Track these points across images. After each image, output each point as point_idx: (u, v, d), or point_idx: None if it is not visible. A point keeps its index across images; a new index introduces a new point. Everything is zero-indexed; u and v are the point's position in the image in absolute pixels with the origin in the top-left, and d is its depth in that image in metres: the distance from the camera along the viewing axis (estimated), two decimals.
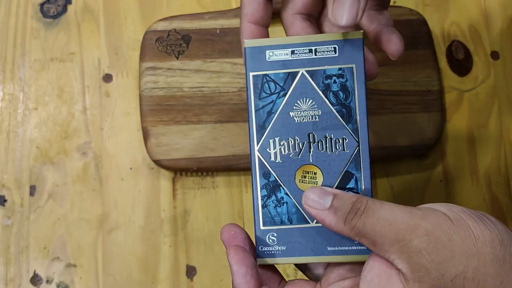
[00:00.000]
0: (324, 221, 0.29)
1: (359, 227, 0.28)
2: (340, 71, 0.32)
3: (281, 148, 0.31)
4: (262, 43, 0.32)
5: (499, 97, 0.55)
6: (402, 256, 0.26)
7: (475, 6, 0.57)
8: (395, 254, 0.27)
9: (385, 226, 0.27)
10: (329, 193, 0.29)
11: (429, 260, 0.26)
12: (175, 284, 0.49)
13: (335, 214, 0.29)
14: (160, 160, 0.49)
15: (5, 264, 0.49)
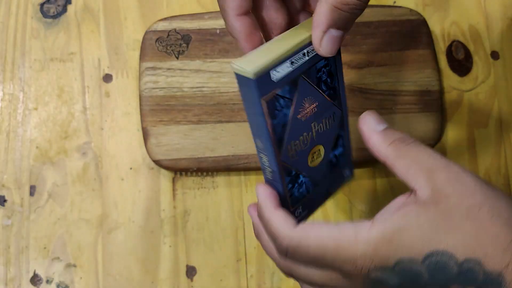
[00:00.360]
0: (370, 140, 0.32)
1: (402, 151, 0.31)
2: (326, 61, 0.33)
3: (296, 147, 0.33)
4: (265, 66, 0.30)
5: (499, 97, 0.55)
6: (428, 183, 0.29)
7: (475, 6, 0.57)
8: (422, 180, 0.29)
9: (425, 156, 0.30)
10: (384, 122, 0.33)
11: (452, 190, 0.29)
12: (175, 284, 0.49)
13: (383, 137, 0.32)
14: (160, 160, 0.49)
15: (5, 264, 0.49)
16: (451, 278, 0.28)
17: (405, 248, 0.28)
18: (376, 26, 0.53)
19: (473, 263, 0.28)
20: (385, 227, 0.29)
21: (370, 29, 0.53)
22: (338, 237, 0.30)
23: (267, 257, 0.50)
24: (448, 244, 0.28)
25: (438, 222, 0.28)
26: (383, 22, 0.53)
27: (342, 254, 0.30)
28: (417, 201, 0.29)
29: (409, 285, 0.29)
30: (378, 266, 0.29)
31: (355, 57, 0.52)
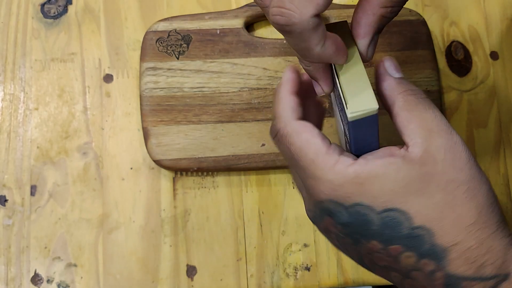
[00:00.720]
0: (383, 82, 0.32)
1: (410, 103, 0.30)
2: None
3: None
4: (374, 94, 0.30)
5: (498, 97, 0.55)
6: (423, 143, 0.29)
7: (475, 7, 0.57)
8: (419, 138, 0.29)
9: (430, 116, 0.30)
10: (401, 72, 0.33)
11: (443, 158, 0.29)
12: (175, 283, 0.49)
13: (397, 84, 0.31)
14: (161, 160, 0.50)
15: (5, 264, 0.49)
16: (398, 237, 0.28)
17: (370, 195, 0.29)
18: None
19: (425, 232, 0.28)
20: (362, 170, 0.29)
21: None
22: (320, 154, 0.30)
23: (267, 257, 0.50)
24: (411, 207, 0.28)
25: (413, 183, 0.28)
26: None
27: (313, 170, 0.30)
28: (405, 157, 0.29)
29: (355, 228, 0.30)
30: (335, 200, 0.29)
31: None
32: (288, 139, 0.31)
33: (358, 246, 0.31)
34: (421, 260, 0.28)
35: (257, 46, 0.53)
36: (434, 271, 0.28)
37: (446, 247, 0.28)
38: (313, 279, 0.50)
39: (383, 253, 0.30)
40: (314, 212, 0.32)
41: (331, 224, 0.31)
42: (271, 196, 0.52)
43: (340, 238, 0.31)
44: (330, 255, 0.51)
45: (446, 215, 0.28)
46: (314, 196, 0.31)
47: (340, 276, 0.50)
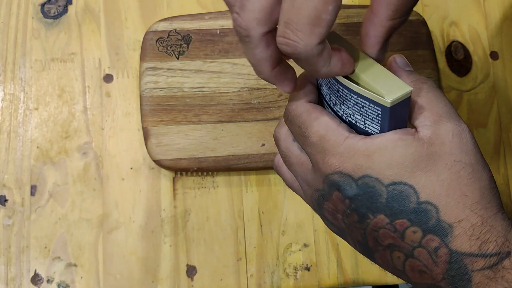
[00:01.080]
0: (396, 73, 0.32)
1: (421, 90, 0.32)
2: None
3: None
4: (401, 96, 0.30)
5: (498, 97, 0.55)
6: (432, 126, 0.30)
7: (475, 7, 0.57)
8: (428, 121, 0.30)
9: (440, 103, 0.31)
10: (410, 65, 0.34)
11: (450, 140, 0.30)
12: (175, 283, 0.49)
13: (408, 75, 0.33)
14: (161, 160, 0.50)
15: (5, 263, 0.49)
16: (405, 211, 0.29)
17: (378, 168, 0.30)
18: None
19: (432, 208, 0.29)
20: (372, 143, 0.30)
21: None
22: (330, 130, 0.31)
23: (267, 257, 0.50)
24: (418, 182, 0.29)
25: (421, 160, 0.29)
26: None
27: (323, 144, 0.31)
28: (415, 135, 0.30)
29: (363, 201, 0.30)
30: (344, 171, 0.30)
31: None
32: (299, 118, 0.32)
33: (364, 223, 0.31)
34: (426, 235, 0.29)
35: None
36: (438, 248, 0.29)
37: (451, 223, 0.29)
38: (313, 279, 0.50)
39: (389, 228, 0.30)
40: (323, 190, 0.32)
41: (339, 199, 0.31)
42: (271, 196, 0.52)
43: (346, 216, 0.32)
44: (330, 255, 0.51)
45: (451, 192, 0.29)
46: (323, 170, 0.31)
47: (340, 276, 0.50)
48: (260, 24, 0.28)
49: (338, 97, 0.33)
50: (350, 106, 0.32)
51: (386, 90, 0.30)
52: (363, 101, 0.31)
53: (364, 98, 0.31)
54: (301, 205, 0.51)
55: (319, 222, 0.51)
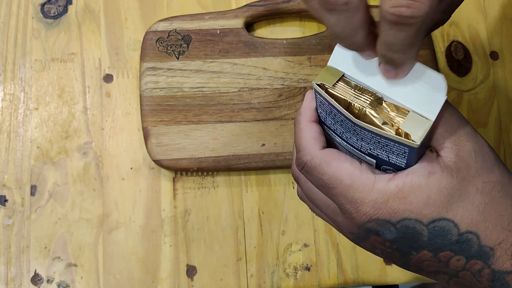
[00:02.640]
0: None
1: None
2: None
3: None
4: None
5: (498, 97, 0.55)
6: (454, 148, 0.30)
7: (475, 7, 0.57)
8: (449, 143, 0.30)
9: (456, 121, 0.30)
10: None
11: (474, 161, 0.30)
12: (175, 283, 0.49)
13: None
14: (161, 160, 0.50)
15: (5, 263, 0.49)
16: (448, 244, 0.29)
17: (416, 208, 0.29)
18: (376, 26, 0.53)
19: (472, 236, 0.29)
20: (404, 182, 0.29)
21: None
22: (356, 177, 0.30)
23: (267, 257, 0.50)
24: (456, 214, 0.29)
25: (455, 191, 0.29)
26: None
27: (352, 194, 0.30)
28: (441, 162, 0.30)
29: (405, 242, 0.30)
30: (381, 218, 0.30)
31: None
32: (319, 169, 0.31)
33: (407, 259, 0.31)
34: (469, 261, 0.30)
35: (257, 46, 0.53)
36: (482, 269, 0.29)
37: (492, 246, 0.29)
38: (313, 279, 0.50)
39: (433, 260, 0.30)
40: (358, 234, 0.32)
41: (378, 242, 0.31)
42: (271, 196, 0.52)
43: (387, 253, 0.32)
44: (330, 255, 0.51)
45: (488, 216, 0.29)
46: (357, 219, 0.30)
47: (340, 276, 0.50)
48: None
49: (355, 134, 0.31)
50: (371, 143, 0.31)
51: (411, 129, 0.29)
52: (386, 141, 0.30)
53: (387, 139, 0.29)
54: (301, 205, 0.51)
55: (319, 222, 0.51)
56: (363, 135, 0.31)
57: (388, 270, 0.51)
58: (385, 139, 0.29)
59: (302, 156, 0.32)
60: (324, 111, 0.32)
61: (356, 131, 0.31)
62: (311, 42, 0.53)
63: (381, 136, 0.29)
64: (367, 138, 0.30)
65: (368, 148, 0.31)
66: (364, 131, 0.30)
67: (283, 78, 0.52)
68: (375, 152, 0.31)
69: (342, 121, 0.31)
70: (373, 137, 0.30)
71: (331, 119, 0.32)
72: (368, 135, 0.30)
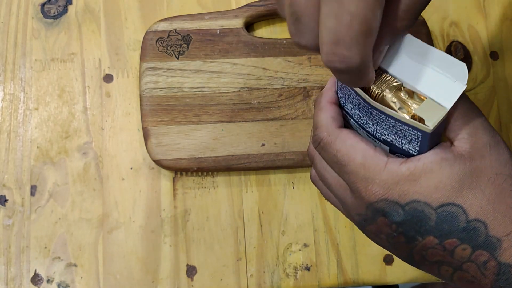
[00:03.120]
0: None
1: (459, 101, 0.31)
2: None
3: None
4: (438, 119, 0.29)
5: (498, 97, 0.55)
6: (470, 139, 0.30)
7: (475, 7, 0.57)
8: (465, 134, 0.30)
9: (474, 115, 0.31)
10: None
11: (489, 153, 0.30)
12: (175, 283, 0.49)
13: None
14: (161, 160, 0.50)
15: (5, 264, 0.49)
16: (455, 231, 0.29)
17: (426, 192, 0.29)
18: None
19: (480, 224, 0.29)
20: (416, 166, 0.30)
21: None
22: (369, 156, 0.30)
23: (267, 257, 0.50)
24: (466, 201, 0.29)
25: (466, 178, 0.29)
26: None
27: (363, 172, 0.30)
28: (455, 151, 0.30)
29: (411, 225, 0.30)
30: (390, 199, 0.30)
31: None
32: (333, 146, 0.32)
33: (412, 244, 0.31)
34: (475, 251, 0.29)
35: (257, 46, 0.53)
36: (487, 261, 0.29)
37: (499, 237, 0.29)
38: (313, 279, 0.50)
39: (438, 248, 0.30)
40: (365, 215, 0.32)
41: (384, 224, 0.31)
42: (271, 196, 0.52)
43: (392, 238, 0.32)
44: (330, 255, 0.51)
45: (497, 206, 0.29)
46: (366, 198, 0.31)
47: (340, 276, 0.50)
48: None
49: (371, 118, 0.31)
50: (386, 128, 0.31)
51: (425, 114, 0.29)
52: (401, 125, 0.30)
53: (401, 123, 0.30)
54: (301, 205, 0.52)
55: (319, 222, 0.51)
56: (378, 119, 0.31)
57: (388, 270, 0.51)
58: (400, 123, 0.30)
59: (319, 133, 0.33)
60: (344, 95, 0.33)
61: (372, 115, 0.31)
62: None
63: (395, 119, 0.30)
64: (383, 122, 0.31)
65: (383, 133, 0.31)
66: (380, 114, 0.30)
67: (283, 78, 0.52)
68: (389, 138, 0.31)
69: (359, 104, 0.31)
70: (388, 120, 0.30)
71: (350, 103, 0.33)
72: (383, 118, 0.30)
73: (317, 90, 0.52)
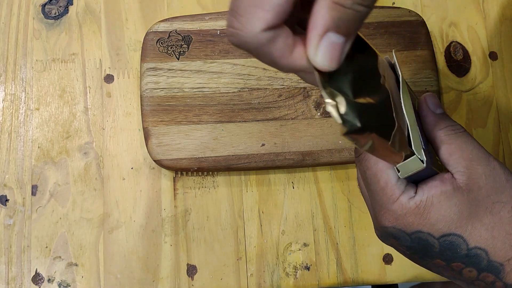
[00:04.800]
0: (426, 119, 0.35)
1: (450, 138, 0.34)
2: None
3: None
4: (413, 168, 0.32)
5: (497, 97, 0.55)
6: (466, 171, 0.32)
7: (474, 7, 0.57)
8: (461, 167, 0.33)
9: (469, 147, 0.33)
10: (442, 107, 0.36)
11: (485, 183, 0.32)
12: (176, 283, 0.50)
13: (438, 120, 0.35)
14: (161, 160, 0.50)
15: (6, 263, 0.49)
16: (458, 257, 0.32)
17: (428, 223, 0.32)
18: (375, 27, 0.54)
19: (481, 251, 0.32)
20: (421, 201, 0.32)
21: (369, 30, 0.54)
22: (390, 184, 0.33)
23: (267, 256, 0.50)
24: (466, 231, 0.32)
25: (464, 209, 0.32)
26: (382, 23, 0.54)
27: (381, 197, 0.34)
28: (454, 185, 0.32)
29: (418, 250, 0.34)
30: (398, 227, 0.33)
31: None
32: (367, 163, 0.34)
33: (424, 261, 0.35)
34: (481, 273, 0.32)
35: None
36: (494, 282, 0.32)
37: (501, 262, 0.32)
38: (313, 279, 0.50)
39: (447, 268, 0.34)
40: (381, 232, 0.35)
41: (396, 244, 0.35)
42: (271, 196, 0.52)
43: (406, 254, 0.35)
44: (329, 254, 0.51)
45: (496, 234, 0.32)
46: (380, 222, 0.34)
47: (340, 276, 0.51)
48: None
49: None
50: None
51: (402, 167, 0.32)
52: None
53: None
54: (301, 204, 0.52)
55: (319, 222, 0.51)
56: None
57: (388, 270, 0.51)
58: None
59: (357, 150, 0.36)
60: None
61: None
62: None
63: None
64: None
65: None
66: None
67: (283, 79, 0.52)
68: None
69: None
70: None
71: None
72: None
73: (316, 90, 0.52)
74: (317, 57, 0.26)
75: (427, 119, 0.35)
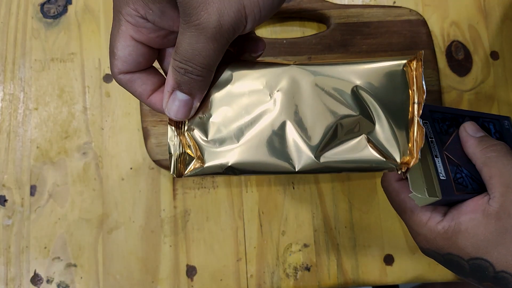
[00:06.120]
0: (466, 143, 0.37)
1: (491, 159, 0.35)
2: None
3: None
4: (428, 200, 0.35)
5: (498, 97, 0.55)
6: (500, 198, 0.34)
7: (475, 6, 0.57)
8: (497, 193, 0.34)
9: (508, 171, 0.35)
10: (482, 131, 0.38)
11: None
12: (175, 283, 0.49)
13: (478, 142, 0.37)
14: (160, 160, 0.49)
15: (5, 264, 0.49)
16: (487, 278, 0.35)
17: (457, 248, 0.35)
18: (376, 26, 0.53)
19: (507, 275, 0.34)
20: (450, 226, 0.35)
21: (370, 29, 0.53)
22: (416, 211, 0.36)
23: (267, 257, 0.50)
24: (492, 256, 0.34)
25: (491, 237, 0.34)
26: (383, 23, 0.54)
27: (412, 223, 0.37)
28: (484, 212, 0.34)
29: (452, 268, 0.36)
30: (431, 249, 0.36)
31: (355, 57, 0.53)
32: (391, 195, 0.38)
33: (461, 277, 0.38)
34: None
35: None
36: None
37: None
38: (313, 279, 0.50)
39: (480, 285, 0.36)
40: (420, 250, 0.38)
41: (435, 259, 0.37)
42: (271, 196, 0.52)
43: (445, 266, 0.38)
44: (330, 255, 0.51)
45: None
46: (417, 243, 0.37)
47: (340, 276, 0.50)
48: None
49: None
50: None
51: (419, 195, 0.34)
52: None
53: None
54: (301, 205, 0.51)
55: (319, 222, 0.51)
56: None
57: (388, 270, 0.51)
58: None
59: (382, 181, 0.39)
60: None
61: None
62: (311, 42, 0.53)
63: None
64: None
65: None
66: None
67: None
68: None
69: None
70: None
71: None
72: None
73: None
74: (167, 109, 0.32)
75: (467, 143, 0.37)
